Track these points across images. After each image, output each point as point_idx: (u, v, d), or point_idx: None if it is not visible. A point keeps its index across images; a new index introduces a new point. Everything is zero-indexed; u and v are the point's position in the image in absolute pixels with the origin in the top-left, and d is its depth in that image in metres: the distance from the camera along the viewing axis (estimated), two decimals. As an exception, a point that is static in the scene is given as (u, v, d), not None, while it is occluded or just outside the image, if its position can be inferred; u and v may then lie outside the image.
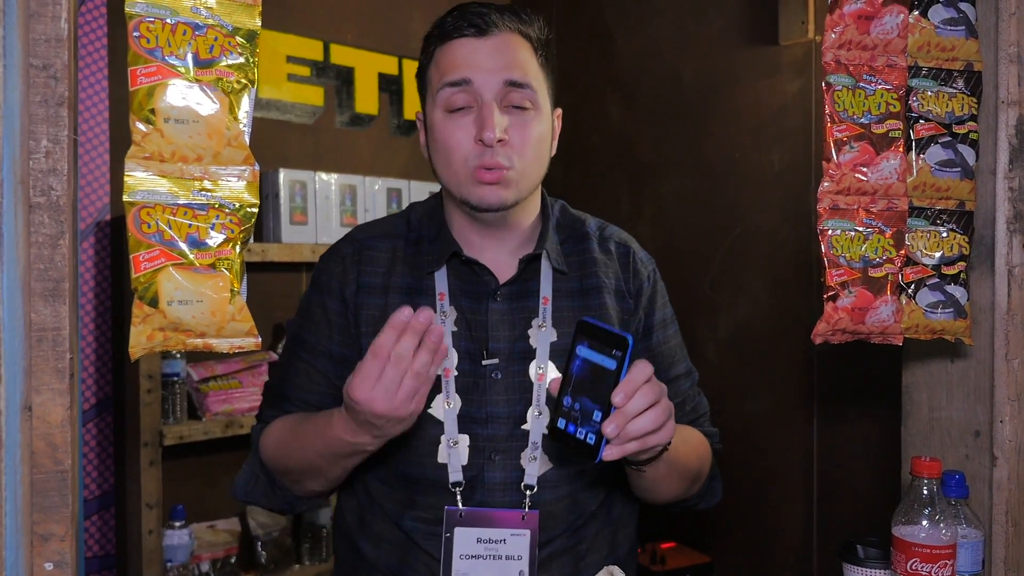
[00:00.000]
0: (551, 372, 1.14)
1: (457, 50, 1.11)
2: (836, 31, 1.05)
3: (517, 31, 1.13)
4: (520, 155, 1.11)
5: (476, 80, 1.09)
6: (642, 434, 0.92)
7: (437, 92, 1.12)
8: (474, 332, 1.15)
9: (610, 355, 0.91)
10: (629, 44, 2.48)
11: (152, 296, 0.79)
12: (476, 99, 1.10)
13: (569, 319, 1.18)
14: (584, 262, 1.23)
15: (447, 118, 1.11)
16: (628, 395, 0.90)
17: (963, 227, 1.09)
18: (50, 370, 0.75)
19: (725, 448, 1.35)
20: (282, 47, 2.43)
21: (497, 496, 1.12)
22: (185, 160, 0.81)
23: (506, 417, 1.12)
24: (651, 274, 1.28)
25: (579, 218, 1.29)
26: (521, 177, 1.12)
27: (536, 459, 1.12)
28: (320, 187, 2.32)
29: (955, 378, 1.19)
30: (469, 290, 1.17)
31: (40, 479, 0.75)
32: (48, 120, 0.75)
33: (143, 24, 0.79)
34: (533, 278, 1.19)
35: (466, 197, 1.12)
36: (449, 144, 1.11)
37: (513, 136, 1.10)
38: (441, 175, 1.16)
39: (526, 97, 1.11)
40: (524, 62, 1.12)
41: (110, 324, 2.19)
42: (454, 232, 1.19)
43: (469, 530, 1.09)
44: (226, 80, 0.81)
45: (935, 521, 1.02)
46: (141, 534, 2.00)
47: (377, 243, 1.20)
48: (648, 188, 2.42)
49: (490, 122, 1.08)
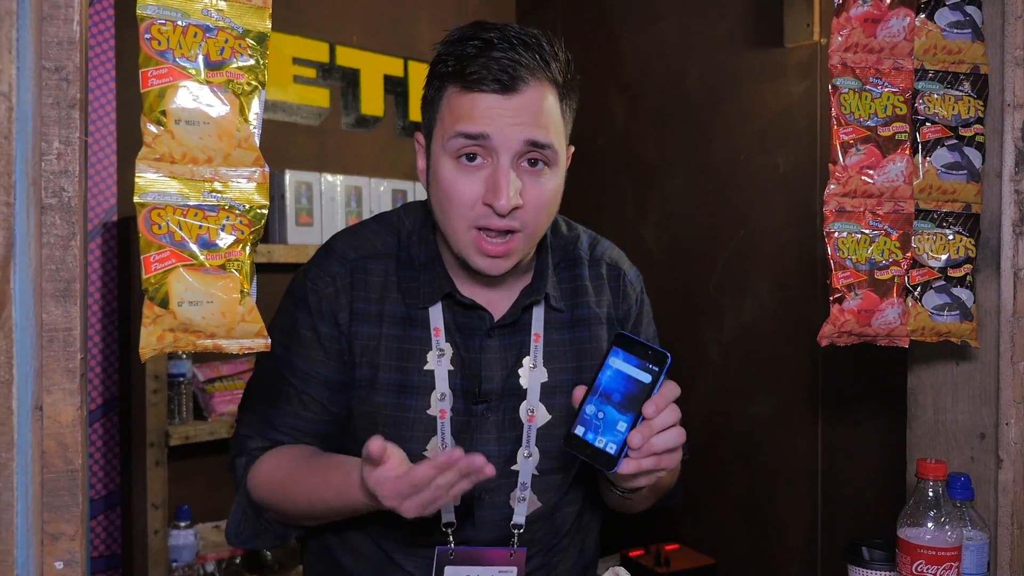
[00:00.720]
0: (540, 413, 1.14)
1: (478, 102, 1.00)
2: (842, 34, 1.06)
3: (545, 79, 1.03)
4: (533, 216, 1.04)
5: (494, 137, 1.00)
6: (662, 450, 0.92)
7: (450, 138, 1.02)
8: (468, 370, 1.12)
9: (647, 369, 0.93)
10: (634, 46, 2.48)
11: (163, 297, 0.79)
12: (491, 155, 1.01)
13: (559, 353, 1.16)
14: (576, 290, 1.19)
15: (456, 168, 1.03)
16: (659, 408, 0.91)
17: (969, 230, 1.09)
18: (61, 370, 0.76)
19: (729, 449, 1.36)
20: (288, 49, 2.44)
21: (484, 534, 1.13)
22: (196, 162, 0.81)
23: (496, 456, 1.10)
24: (639, 296, 1.26)
25: (571, 239, 1.23)
26: (529, 239, 1.06)
27: (525, 500, 1.13)
28: (326, 188, 2.33)
29: (960, 380, 1.19)
30: (463, 325, 1.13)
31: (51, 479, 0.76)
32: (60, 122, 0.76)
33: (154, 26, 0.79)
34: (527, 315, 1.16)
35: (464, 256, 1.06)
36: (453, 196, 1.03)
37: (527, 198, 1.03)
38: (440, 221, 1.08)
39: (544, 157, 1.03)
40: (548, 117, 1.03)
41: (116, 325, 2.20)
42: (447, 266, 1.13)
43: (459, 569, 1.10)
44: (236, 82, 0.82)
45: (940, 523, 1.02)
46: (147, 534, 2.01)
47: (369, 265, 1.13)
48: (653, 190, 2.42)
49: (504, 190, 0.99)
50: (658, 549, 2.12)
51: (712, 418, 2.20)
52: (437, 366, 1.11)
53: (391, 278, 1.13)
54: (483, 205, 1.02)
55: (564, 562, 1.21)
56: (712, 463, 2.19)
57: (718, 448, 2.19)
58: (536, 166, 1.04)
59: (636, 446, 0.90)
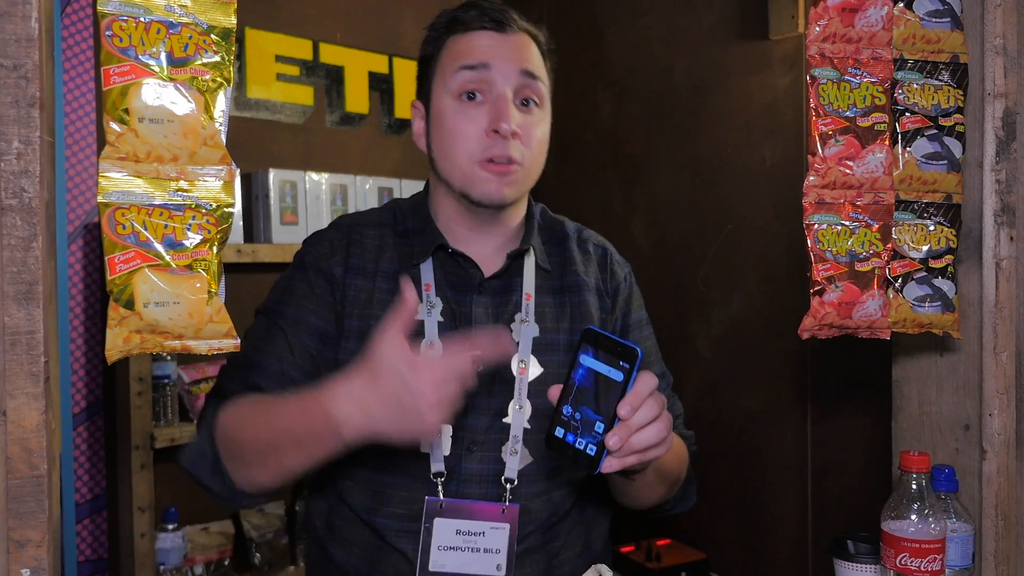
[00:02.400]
0: (533, 367, 1.14)
1: (476, 40, 1.13)
2: (820, 24, 1.04)
3: (530, 34, 1.17)
4: (530, 150, 1.13)
5: (494, 66, 1.11)
6: (644, 447, 0.90)
7: (452, 75, 1.12)
8: (459, 324, 1.14)
9: (617, 366, 0.89)
10: (620, 41, 2.47)
11: (128, 298, 0.78)
12: (490, 89, 1.11)
13: (551, 315, 1.18)
14: (565, 261, 1.24)
15: (459, 106, 1.12)
16: (634, 408, 0.89)
17: (950, 220, 1.08)
18: (24, 374, 0.74)
19: (718, 444, 1.35)
20: (271, 47, 2.42)
21: (473, 488, 1.11)
22: (161, 160, 0.80)
23: (486, 409, 1.12)
24: (627, 276, 1.30)
25: (559, 220, 1.30)
26: (527, 174, 1.14)
27: (517, 453, 1.12)
28: (311, 187, 2.31)
29: (944, 372, 1.18)
30: (454, 282, 1.17)
31: (15, 484, 0.74)
32: (19, 121, 0.74)
33: (116, 23, 0.78)
34: (517, 274, 1.19)
35: (467, 190, 1.12)
36: (457, 133, 1.11)
37: (524, 132, 1.11)
38: (441, 166, 1.15)
39: (535, 94, 1.14)
40: (537, 60, 1.16)
41: (100, 327, 2.18)
42: (440, 225, 1.19)
43: (449, 521, 1.08)
44: (201, 79, 0.80)
45: (924, 515, 1.02)
46: (133, 537, 1.99)
47: (365, 230, 1.19)
48: (640, 185, 2.41)
49: (507, 113, 1.09)
50: (649, 544, 2.12)
51: (701, 412, 2.19)
52: (427, 317, 1.13)
53: (387, 241, 1.19)
54: (486, 135, 1.10)
55: (566, 550, 1.18)
56: (702, 457, 2.17)
57: (707, 442, 2.18)
58: (528, 105, 1.14)
59: (614, 448, 0.88)
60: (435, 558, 1.07)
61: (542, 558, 1.15)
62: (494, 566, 1.08)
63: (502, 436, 1.12)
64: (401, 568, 1.11)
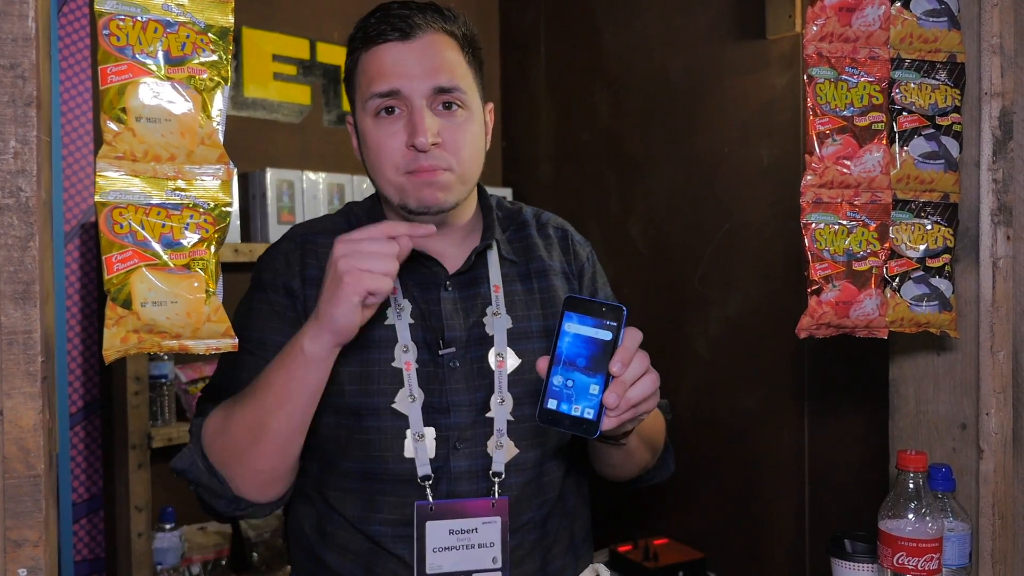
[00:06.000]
0: (511, 358, 1.15)
1: (383, 56, 1.10)
2: (818, 23, 1.05)
3: (442, 30, 1.12)
4: (456, 156, 1.11)
5: (404, 89, 1.08)
6: (639, 401, 0.93)
7: (366, 102, 1.11)
8: (429, 322, 1.15)
9: (605, 326, 0.92)
10: (616, 40, 2.47)
11: (125, 298, 0.78)
12: (406, 105, 1.09)
13: (521, 303, 1.19)
14: (527, 247, 1.25)
15: (377, 124, 1.11)
16: (625, 363, 0.91)
17: (947, 219, 1.08)
18: (21, 374, 0.74)
19: (716, 443, 1.35)
20: (268, 46, 2.42)
21: (463, 485, 1.11)
22: (158, 159, 0.80)
23: (468, 405, 1.12)
24: (589, 255, 1.31)
25: (515, 210, 1.31)
26: (460, 177, 1.12)
27: (503, 446, 1.12)
28: (308, 186, 2.31)
29: (941, 371, 1.19)
30: (419, 281, 1.17)
31: (12, 484, 0.74)
32: (16, 120, 0.74)
33: (113, 22, 0.78)
34: (482, 267, 1.19)
35: (404, 202, 1.12)
36: (381, 150, 1.10)
37: (446, 138, 1.10)
38: (376, 183, 1.15)
39: (456, 99, 1.11)
40: (452, 64, 1.11)
41: (97, 327, 2.18)
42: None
43: (441, 523, 1.09)
44: (198, 78, 0.80)
45: (921, 514, 1.02)
46: (130, 537, 1.99)
47: (319, 239, 1.18)
48: (637, 184, 2.41)
49: (422, 127, 1.07)
50: (646, 543, 2.12)
51: (699, 411, 2.20)
52: (397, 320, 1.13)
53: None
54: (407, 149, 1.09)
55: (557, 544, 1.20)
56: (699, 457, 2.18)
57: (705, 441, 2.18)
58: (450, 108, 1.11)
59: (612, 406, 0.90)
60: (431, 560, 1.08)
61: (538, 555, 1.16)
62: (490, 559, 1.10)
63: (487, 431, 1.13)
64: (399, 572, 1.11)
